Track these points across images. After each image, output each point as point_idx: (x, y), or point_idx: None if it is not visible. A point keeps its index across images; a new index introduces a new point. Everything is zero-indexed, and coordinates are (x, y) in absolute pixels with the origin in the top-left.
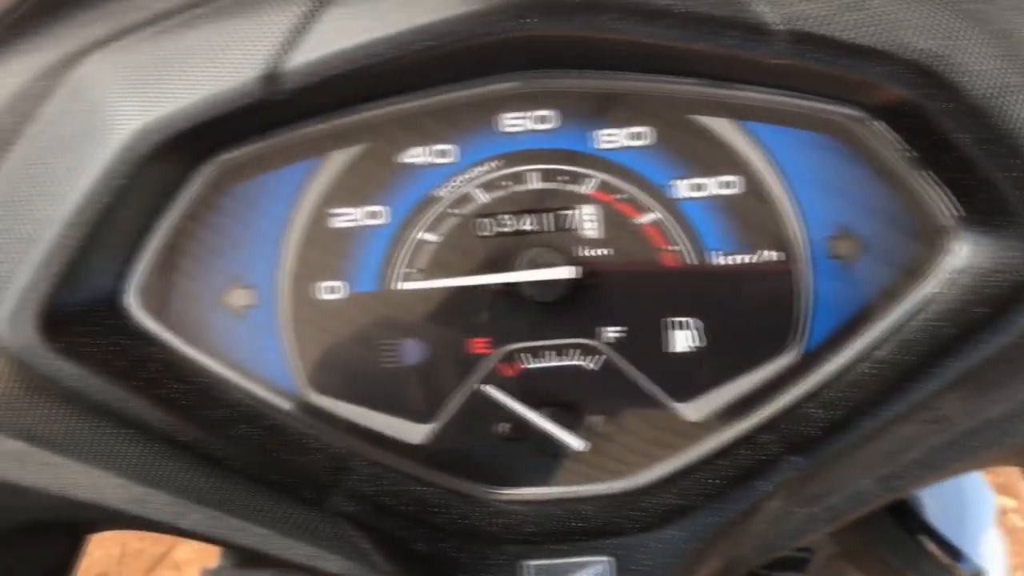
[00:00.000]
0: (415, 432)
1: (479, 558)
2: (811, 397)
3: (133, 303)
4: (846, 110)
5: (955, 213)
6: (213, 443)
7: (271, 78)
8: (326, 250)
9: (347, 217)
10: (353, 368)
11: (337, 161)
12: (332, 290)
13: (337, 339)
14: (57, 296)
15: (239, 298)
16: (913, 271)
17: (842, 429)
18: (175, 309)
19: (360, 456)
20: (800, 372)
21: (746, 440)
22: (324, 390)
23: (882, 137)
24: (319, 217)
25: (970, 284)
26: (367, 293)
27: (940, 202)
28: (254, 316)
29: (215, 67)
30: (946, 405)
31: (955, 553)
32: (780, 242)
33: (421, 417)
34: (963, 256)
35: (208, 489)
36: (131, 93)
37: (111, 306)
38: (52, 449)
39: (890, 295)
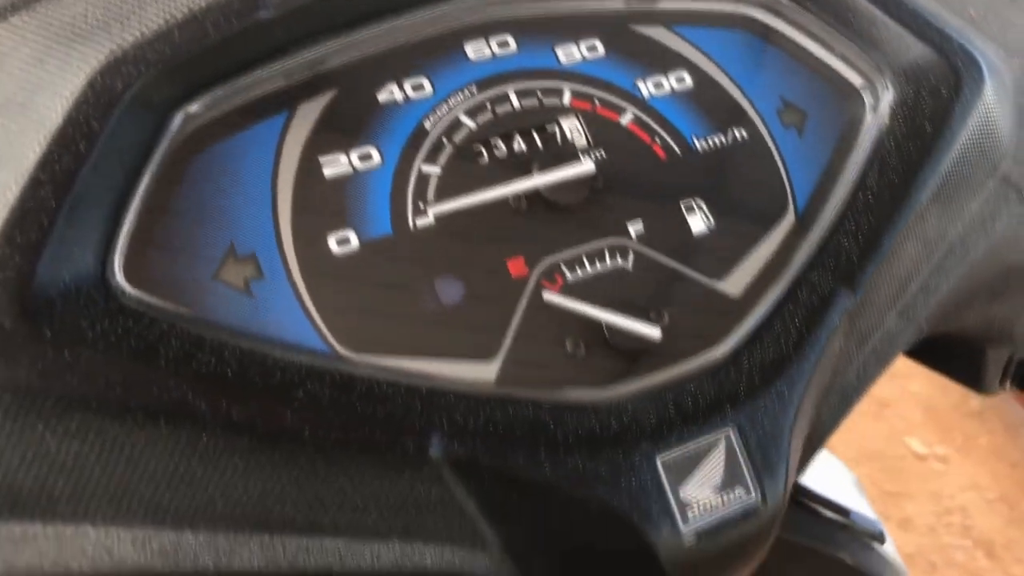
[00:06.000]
0: (484, 370)
1: (614, 465)
2: (836, 231)
3: (123, 282)
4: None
5: (872, 66)
6: (279, 412)
7: None
8: (326, 201)
9: (339, 164)
10: (392, 320)
11: (312, 110)
12: (343, 241)
13: (364, 293)
14: (36, 270)
15: (238, 272)
16: (855, 121)
17: (872, 250)
18: (171, 291)
19: (449, 393)
20: (803, 231)
21: (802, 282)
22: (369, 349)
23: (795, 19)
24: (309, 168)
25: (910, 110)
26: (382, 238)
27: (856, 59)
28: (261, 290)
29: None
30: (930, 220)
31: (843, 510)
32: (741, 120)
33: (483, 354)
34: (890, 95)
35: (281, 478)
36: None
37: (100, 286)
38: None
39: (847, 143)
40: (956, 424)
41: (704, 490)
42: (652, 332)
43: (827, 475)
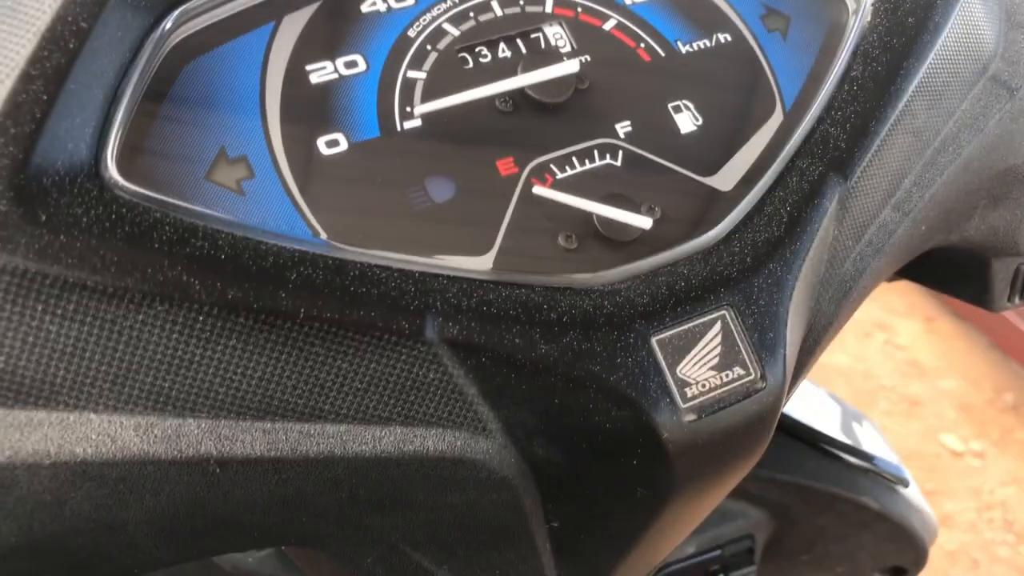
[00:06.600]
0: (478, 263)
1: (609, 344)
2: (822, 120)
3: (116, 174)
4: None
5: None
6: (273, 292)
7: None
8: (314, 106)
9: (325, 71)
10: (384, 216)
11: (297, 21)
12: (332, 144)
13: (355, 191)
14: (30, 160)
15: (229, 173)
16: (839, 23)
17: (860, 138)
18: (163, 187)
19: (442, 276)
20: (792, 126)
21: (791, 169)
22: (361, 244)
23: None
24: (296, 75)
25: (892, 5)
26: (371, 140)
27: None
28: (253, 188)
29: None
30: (919, 113)
31: (866, 456)
32: (725, 26)
33: (476, 249)
34: None
35: (280, 361)
36: None
37: (93, 177)
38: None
39: (832, 44)
40: (991, 419)
41: (702, 369)
42: (643, 222)
43: (848, 422)
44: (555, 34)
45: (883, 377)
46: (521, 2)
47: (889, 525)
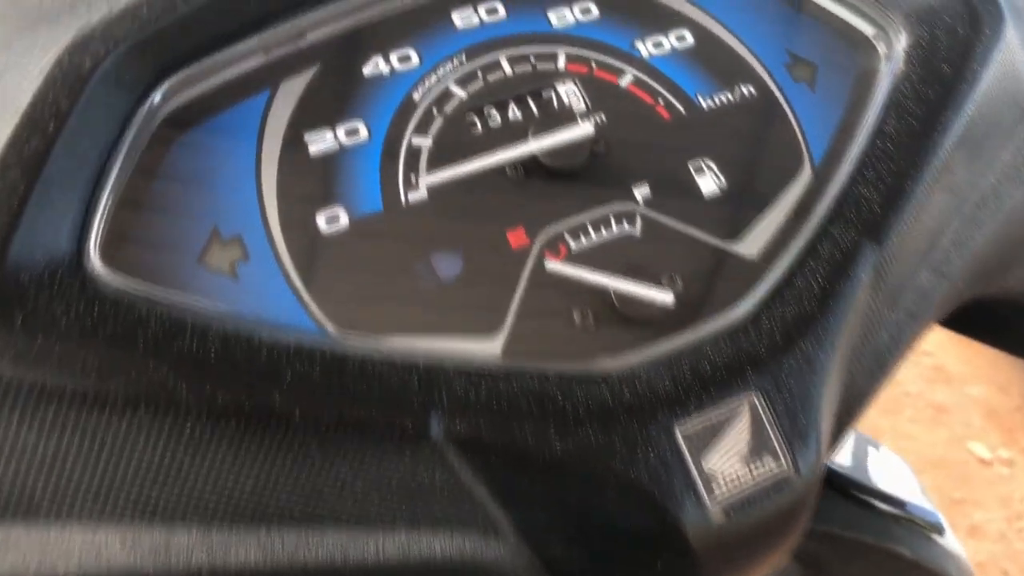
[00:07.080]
0: (487, 347)
1: (629, 437)
2: (855, 181)
3: (99, 266)
4: None
5: (882, 12)
6: (266, 393)
7: None
8: (313, 179)
9: (325, 140)
10: (387, 298)
11: (295, 87)
12: (332, 220)
13: (356, 271)
14: (7, 255)
15: (223, 256)
16: (870, 71)
17: (895, 199)
18: (151, 276)
19: (448, 368)
20: (821, 187)
21: (822, 236)
22: (363, 329)
23: None
24: (294, 146)
25: (926, 53)
26: (373, 215)
27: (865, 7)
28: (248, 272)
29: None
30: (957, 169)
31: (899, 502)
32: (748, 77)
33: (485, 329)
34: (903, 39)
35: (274, 466)
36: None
37: (75, 270)
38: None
39: (862, 94)
40: (1020, 426)
41: (730, 461)
42: (664, 297)
43: (879, 466)
44: (568, 92)
45: (908, 383)
46: (532, 59)
47: (924, 574)
